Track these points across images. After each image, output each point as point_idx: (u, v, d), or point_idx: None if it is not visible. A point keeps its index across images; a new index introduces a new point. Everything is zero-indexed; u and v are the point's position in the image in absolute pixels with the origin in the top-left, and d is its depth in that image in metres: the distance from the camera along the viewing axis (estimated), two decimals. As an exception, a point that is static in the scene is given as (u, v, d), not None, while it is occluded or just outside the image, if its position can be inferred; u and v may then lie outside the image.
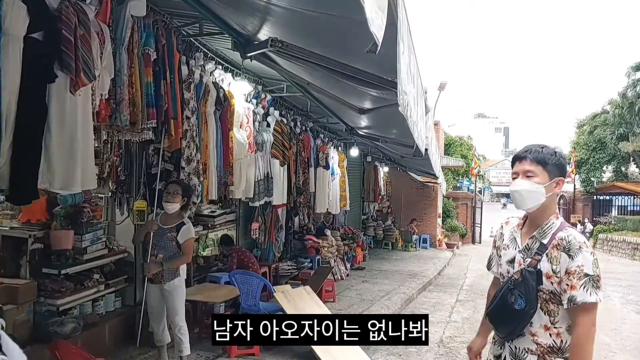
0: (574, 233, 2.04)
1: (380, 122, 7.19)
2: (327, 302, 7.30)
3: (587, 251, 1.98)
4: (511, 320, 2.09)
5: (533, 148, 2.14)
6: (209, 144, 5.28)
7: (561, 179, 2.10)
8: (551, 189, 2.08)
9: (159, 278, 4.22)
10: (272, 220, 7.67)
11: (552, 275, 2.01)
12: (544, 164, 2.09)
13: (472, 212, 25.25)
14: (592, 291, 1.93)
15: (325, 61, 3.64)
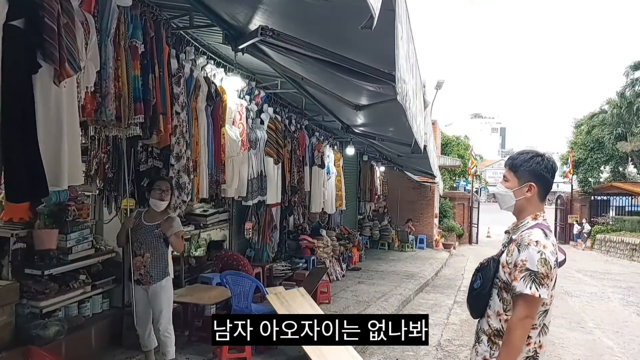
0: (535, 233, 2.17)
1: (377, 119, 7.04)
2: (322, 303, 7.15)
3: (535, 249, 2.11)
4: (472, 299, 2.38)
5: (514, 155, 2.37)
6: (200, 141, 5.12)
7: (532, 184, 2.24)
8: (522, 193, 2.26)
9: (147, 279, 4.07)
10: (266, 219, 7.51)
11: (505, 265, 2.21)
12: (515, 170, 2.29)
13: (469, 212, 25.13)
14: (530, 285, 2.07)
15: (320, 52, 3.49)
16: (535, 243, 2.12)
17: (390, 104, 5.10)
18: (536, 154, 2.30)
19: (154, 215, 4.10)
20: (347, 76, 4.20)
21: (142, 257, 4.08)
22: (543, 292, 2.07)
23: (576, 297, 10.53)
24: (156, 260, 4.14)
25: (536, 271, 2.08)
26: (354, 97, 5.52)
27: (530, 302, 2.09)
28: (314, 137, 9.07)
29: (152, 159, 4.71)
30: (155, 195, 4.09)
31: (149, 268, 4.11)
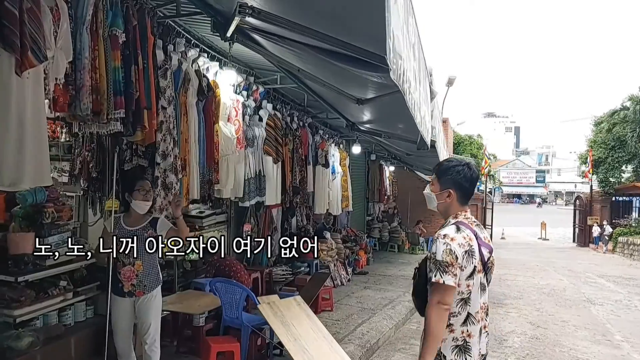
0: (447, 228, 2.44)
1: (382, 114, 6.68)
2: (324, 311, 6.82)
3: (442, 241, 2.37)
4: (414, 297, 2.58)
5: (440, 162, 2.71)
6: (190, 138, 4.81)
7: (450, 191, 2.51)
8: (442, 197, 2.54)
9: (140, 289, 3.74)
10: (266, 221, 7.20)
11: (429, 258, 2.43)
12: (438, 177, 2.60)
13: (482, 213, 24.61)
14: (436, 273, 2.31)
15: (311, 34, 3.14)
16: (443, 236, 2.38)
17: (395, 98, 4.75)
18: (459, 164, 2.56)
19: (138, 219, 3.78)
20: (345, 64, 3.86)
21: (133, 265, 3.74)
22: (447, 279, 2.28)
23: (599, 305, 10.00)
24: (149, 268, 3.82)
25: (441, 260, 2.31)
26: (356, 89, 5.17)
27: (438, 288, 2.31)
28: (318, 135, 8.73)
29: (137, 157, 4.40)
30: (138, 197, 3.78)
31: (142, 277, 3.78)
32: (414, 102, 3.02)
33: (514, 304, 9.47)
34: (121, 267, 3.68)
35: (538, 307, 9.34)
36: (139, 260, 3.70)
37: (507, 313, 8.68)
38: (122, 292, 3.72)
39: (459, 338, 2.36)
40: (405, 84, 2.65)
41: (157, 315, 3.82)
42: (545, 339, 7.12)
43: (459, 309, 2.36)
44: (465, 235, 2.37)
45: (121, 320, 3.76)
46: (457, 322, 2.36)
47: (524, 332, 7.42)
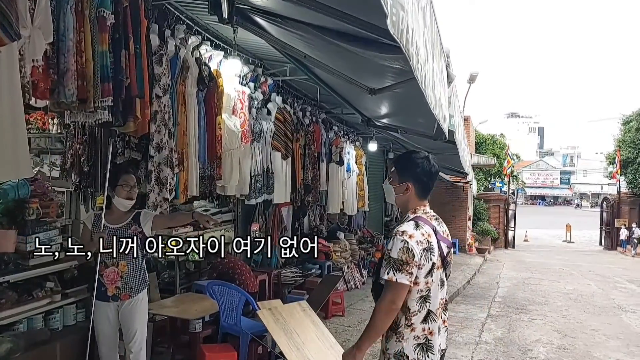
0: (405, 224, 2.37)
1: (398, 107, 6.28)
2: (336, 316, 6.45)
3: (399, 239, 2.30)
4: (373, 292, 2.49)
5: (399, 155, 2.71)
6: (189, 130, 4.49)
7: (408, 184, 2.47)
8: (400, 190, 2.50)
9: (126, 292, 3.42)
10: (275, 220, 6.85)
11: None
12: (397, 169, 2.56)
13: (505, 214, 23.89)
14: (389, 270, 2.26)
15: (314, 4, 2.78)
16: (400, 233, 2.31)
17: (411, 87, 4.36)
18: (418, 157, 2.52)
19: (120, 215, 3.46)
20: (354, 46, 3.50)
21: (117, 266, 3.42)
22: (401, 277, 2.24)
23: (631, 312, 9.36)
24: (134, 269, 3.51)
25: (396, 258, 2.26)
26: (368, 78, 4.80)
27: (391, 287, 2.26)
28: (332, 132, 8.36)
29: (130, 149, 4.10)
30: (121, 193, 3.47)
31: (127, 279, 3.47)
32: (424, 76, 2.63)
33: (539, 310, 8.94)
34: (104, 268, 3.36)
35: (565, 314, 8.80)
36: (123, 260, 3.39)
37: (532, 320, 8.17)
38: (106, 296, 3.41)
39: (421, 336, 2.33)
40: (410, 46, 2.25)
41: (143, 321, 3.50)
42: (574, 350, 6.61)
43: (418, 307, 2.33)
44: (424, 232, 2.34)
45: (105, 327, 3.45)
46: (417, 320, 2.34)
47: (550, 342, 6.92)
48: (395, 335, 2.34)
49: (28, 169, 2.84)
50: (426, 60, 2.57)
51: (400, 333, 2.33)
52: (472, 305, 8.94)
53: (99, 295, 3.39)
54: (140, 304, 3.47)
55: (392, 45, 3.16)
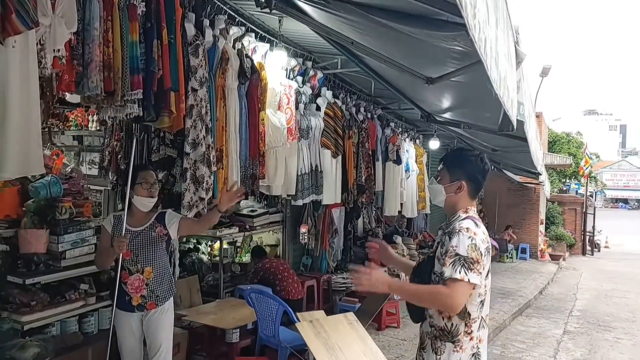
0: (466, 222, 2.19)
1: (461, 98, 5.74)
2: (390, 327, 6.00)
3: (465, 234, 2.12)
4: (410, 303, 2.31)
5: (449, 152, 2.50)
6: (229, 126, 4.23)
7: (462, 182, 2.27)
8: (452, 190, 2.30)
9: (152, 301, 3.15)
10: (325, 222, 6.49)
11: (440, 257, 2.17)
12: (447, 167, 2.34)
13: (582, 218, 22.23)
14: (460, 269, 2.07)
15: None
16: (465, 230, 2.15)
17: (476, 74, 3.86)
18: (471, 154, 2.36)
19: (142, 217, 3.20)
20: (405, 25, 3.09)
21: (142, 273, 3.15)
22: (473, 277, 2.07)
23: None
24: (161, 275, 3.23)
25: (465, 256, 2.09)
26: (425, 64, 4.35)
27: (459, 286, 2.06)
28: (389, 129, 7.89)
29: (165, 146, 3.89)
30: (141, 192, 3.18)
31: (153, 287, 3.19)
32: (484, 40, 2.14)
33: (626, 328, 7.96)
34: (127, 276, 3.10)
35: (657, 334, 7.80)
36: (149, 265, 3.13)
37: (617, 340, 7.26)
38: (130, 307, 3.15)
39: (475, 346, 2.19)
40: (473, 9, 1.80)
41: (169, 334, 3.23)
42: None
43: (478, 313, 2.19)
44: (484, 231, 2.23)
45: (129, 341, 3.20)
46: (475, 328, 2.18)
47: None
48: (453, 345, 2.17)
49: (39, 166, 2.64)
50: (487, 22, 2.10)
51: (459, 342, 2.16)
52: (546, 319, 8.13)
53: (122, 305, 3.14)
54: (166, 314, 3.21)
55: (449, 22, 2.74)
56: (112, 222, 3.12)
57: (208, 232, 5.32)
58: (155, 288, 3.16)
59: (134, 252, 3.07)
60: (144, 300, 3.14)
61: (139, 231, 3.14)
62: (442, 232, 2.32)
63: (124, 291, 3.12)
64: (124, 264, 3.07)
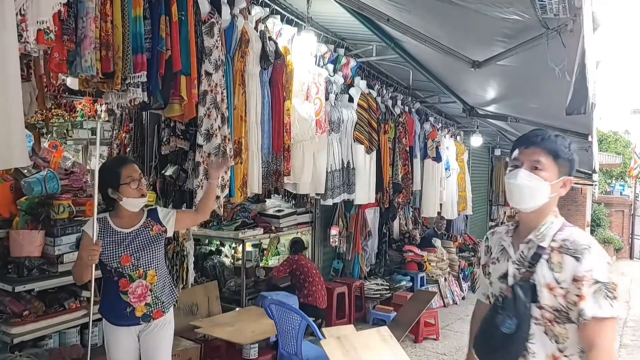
0: (578, 232, 1.66)
1: (510, 87, 5.16)
2: (428, 339, 5.43)
3: (597, 252, 1.58)
4: (500, 349, 1.66)
5: (546, 134, 1.71)
6: (249, 116, 3.78)
7: (569, 178, 1.71)
8: (556, 188, 1.69)
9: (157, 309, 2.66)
10: (359, 224, 5.97)
11: (555, 286, 1.59)
12: (555, 156, 1.67)
13: (630, 221, 20.99)
14: (605, 302, 1.53)
15: None
16: (594, 244, 1.60)
17: (528, 52, 3.29)
18: (568, 140, 1.71)
19: (132, 217, 2.67)
20: None
21: (145, 278, 2.64)
22: (619, 309, 1.57)
23: None
24: (164, 278, 2.76)
25: (607, 282, 1.54)
26: (470, 46, 3.79)
27: (611, 326, 1.58)
28: (428, 124, 7.30)
29: (175, 137, 3.46)
30: (131, 193, 2.58)
31: (158, 292, 2.68)
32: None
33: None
34: (128, 284, 2.63)
35: None
36: (152, 269, 2.65)
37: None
38: (134, 319, 2.64)
39: None
40: None
41: (168, 351, 2.75)
42: None
43: None
44: None
45: (120, 357, 2.73)
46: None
47: None
48: None
49: (22, 157, 2.23)
50: None
51: None
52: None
53: (121, 319, 2.62)
54: (165, 326, 2.72)
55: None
56: (98, 226, 2.65)
57: (230, 234, 4.90)
58: (159, 293, 2.69)
59: (134, 255, 2.59)
60: (149, 309, 2.65)
61: (135, 231, 2.65)
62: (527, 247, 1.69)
63: (123, 302, 2.62)
64: (124, 271, 2.61)
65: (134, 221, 2.64)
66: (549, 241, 1.64)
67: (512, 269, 1.69)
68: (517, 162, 1.69)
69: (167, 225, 2.68)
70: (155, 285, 2.68)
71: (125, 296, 2.63)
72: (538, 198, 1.65)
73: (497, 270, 1.78)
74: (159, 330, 2.69)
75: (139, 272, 2.64)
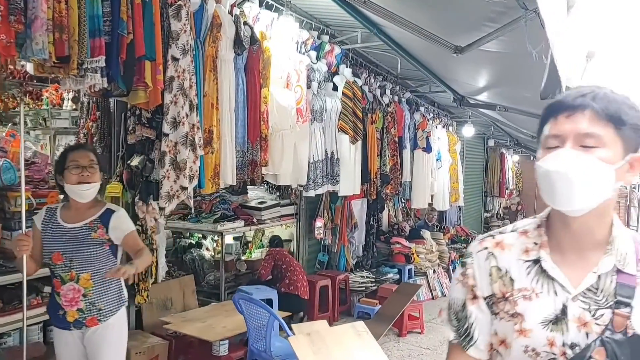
0: None
1: (498, 75, 5.00)
2: (412, 333, 5.30)
3: None
4: None
5: (598, 91, 1.02)
6: (222, 103, 3.62)
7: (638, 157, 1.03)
8: (622, 174, 1.03)
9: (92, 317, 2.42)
10: (344, 216, 5.83)
11: None
12: (618, 123, 1.00)
13: (626, 212, 20.84)
14: None
15: None
16: None
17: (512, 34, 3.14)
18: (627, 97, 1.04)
19: (82, 211, 2.45)
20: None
21: (77, 281, 2.39)
22: None
23: None
24: (105, 284, 2.46)
25: None
26: (451, 30, 3.62)
27: None
28: (418, 114, 7.13)
29: (141, 126, 3.30)
30: (70, 178, 2.37)
31: (93, 298, 2.42)
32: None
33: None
34: (60, 285, 2.41)
35: None
36: (86, 271, 2.40)
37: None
38: (65, 323, 2.43)
39: None
40: None
41: (117, 353, 2.55)
42: None
43: None
44: None
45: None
46: None
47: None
48: None
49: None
50: None
51: None
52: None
53: (56, 320, 2.46)
54: (112, 331, 2.48)
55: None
56: (43, 216, 2.48)
57: (208, 227, 4.76)
58: (96, 300, 2.43)
59: (67, 256, 2.37)
60: (81, 315, 2.41)
61: (75, 229, 2.42)
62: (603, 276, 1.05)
63: (57, 304, 2.43)
64: (55, 270, 2.41)
65: (81, 217, 2.43)
66: (634, 262, 1.04)
67: (577, 310, 1.03)
68: (557, 139, 1.04)
69: (112, 235, 2.43)
70: (91, 290, 2.40)
71: (58, 298, 2.43)
72: (599, 192, 1.01)
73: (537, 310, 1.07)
74: (103, 335, 2.45)
75: (70, 274, 2.38)
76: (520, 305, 1.07)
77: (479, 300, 1.14)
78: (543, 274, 1.08)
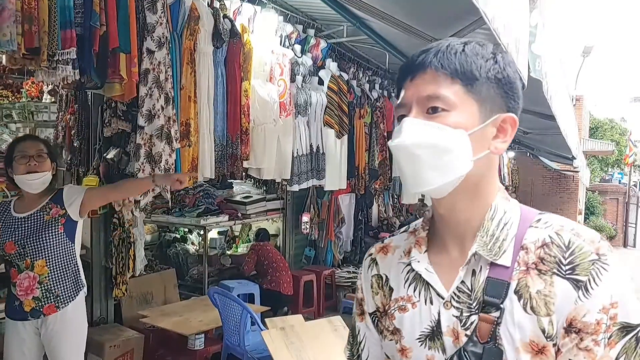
0: (569, 224, 0.82)
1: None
2: (397, 328, 5.30)
3: (615, 264, 0.76)
4: None
5: (444, 45, 0.83)
6: (200, 96, 3.60)
7: (510, 116, 0.84)
8: (485, 139, 0.82)
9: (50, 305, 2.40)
10: (331, 211, 5.82)
11: (544, 345, 0.75)
12: (468, 79, 0.81)
13: (624, 209, 20.84)
14: None
15: None
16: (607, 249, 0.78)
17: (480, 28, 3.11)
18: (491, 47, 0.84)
19: (34, 200, 2.45)
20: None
21: (32, 269, 2.39)
22: None
23: None
24: (61, 269, 2.45)
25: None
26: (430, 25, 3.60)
27: None
28: (407, 108, 7.09)
29: (117, 119, 3.29)
30: (18, 169, 2.38)
31: (50, 285, 2.41)
32: None
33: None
34: (16, 274, 2.39)
35: None
36: (41, 258, 2.39)
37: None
38: (22, 313, 2.39)
39: None
40: None
41: (77, 345, 2.50)
42: None
43: None
44: None
45: None
46: None
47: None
48: None
49: None
50: None
51: None
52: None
53: (12, 312, 2.43)
54: (70, 321, 2.44)
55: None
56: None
57: (191, 221, 4.75)
58: (52, 286, 2.40)
59: (19, 243, 2.37)
60: (38, 304, 2.38)
61: (29, 216, 2.41)
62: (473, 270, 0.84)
63: (13, 295, 2.40)
64: (12, 260, 2.38)
65: (33, 205, 2.43)
66: (511, 249, 0.82)
67: (449, 319, 0.83)
68: (403, 108, 0.85)
69: (70, 207, 2.43)
70: (46, 276, 2.40)
71: (14, 288, 2.42)
72: (453, 165, 0.80)
73: (413, 323, 0.87)
74: (60, 324, 2.41)
75: (26, 261, 2.38)
76: (397, 319, 0.89)
77: (365, 316, 0.98)
78: (420, 279, 0.88)
